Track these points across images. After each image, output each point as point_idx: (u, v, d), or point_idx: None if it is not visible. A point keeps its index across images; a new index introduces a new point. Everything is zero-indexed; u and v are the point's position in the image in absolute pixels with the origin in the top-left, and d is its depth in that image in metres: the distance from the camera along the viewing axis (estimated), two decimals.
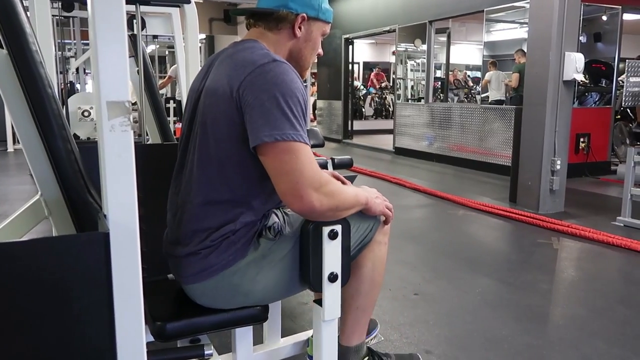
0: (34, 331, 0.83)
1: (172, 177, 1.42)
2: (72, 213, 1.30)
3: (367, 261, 1.50)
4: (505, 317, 2.38)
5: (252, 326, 1.57)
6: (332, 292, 1.35)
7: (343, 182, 1.59)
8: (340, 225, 1.31)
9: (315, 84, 11.80)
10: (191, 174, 1.31)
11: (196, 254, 1.29)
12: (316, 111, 11.57)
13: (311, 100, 11.32)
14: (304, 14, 1.35)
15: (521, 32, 8.08)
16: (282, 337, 1.83)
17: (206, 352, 1.27)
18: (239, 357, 1.59)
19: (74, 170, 1.30)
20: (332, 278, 1.33)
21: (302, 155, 1.19)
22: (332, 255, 1.32)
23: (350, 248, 1.40)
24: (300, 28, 1.36)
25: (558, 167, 4.33)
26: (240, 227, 1.29)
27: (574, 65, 4.21)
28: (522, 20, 7.74)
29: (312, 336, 1.87)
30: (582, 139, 6.12)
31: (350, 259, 1.41)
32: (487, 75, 7.80)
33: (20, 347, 0.83)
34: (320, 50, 1.45)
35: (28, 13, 1.97)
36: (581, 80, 5.47)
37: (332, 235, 1.30)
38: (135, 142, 0.88)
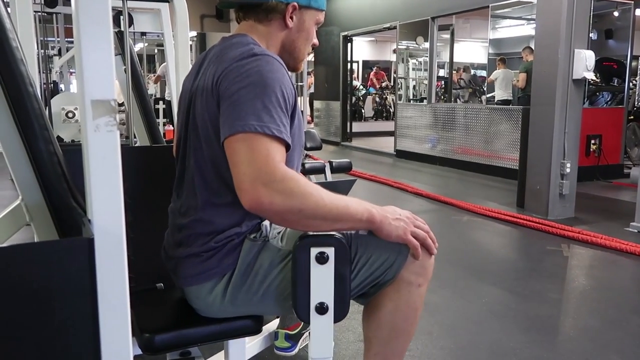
0: (13, 343, 0.82)
1: (174, 184, 1.42)
2: (55, 219, 1.30)
3: (387, 302, 1.30)
4: (512, 328, 2.38)
5: (245, 338, 1.57)
6: (321, 326, 1.20)
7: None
8: (332, 248, 1.17)
9: (312, 75, 11.75)
10: (192, 180, 1.32)
11: (198, 255, 1.29)
12: (314, 112, 11.58)
13: (307, 95, 11.24)
14: (295, 3, 1.34)
15: (528, 29, 8.14)
16: None
17: None
18: None
19: (57, 173, 1.30)
20: (321, 309, 1.18)
21: (259, 145, 1.11)
22: (321, 283, 1.17)
23: (362, 282, 1.28)
24: (291, 18, 1.35)
25: (568, 170, 4.34)
26: (245, 230, 1.29)
27: (584, 63, 4.22)
28: (529, 17, 7.79)
29: (277, 327, 1.88)
30: (593, 141, 6.14)
31: (349, 291, 1.24)
32: (493, 74, 7.82)
33: None
34: (315, 40, 1.44)
35: (9, 8, 1.97)
36: (592, 79, 5.50)
37: (321, 259, 1.16)
38: (122, 145, 0.88)
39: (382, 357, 1.34)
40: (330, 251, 1.16)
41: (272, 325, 1.92)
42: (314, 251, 1.16)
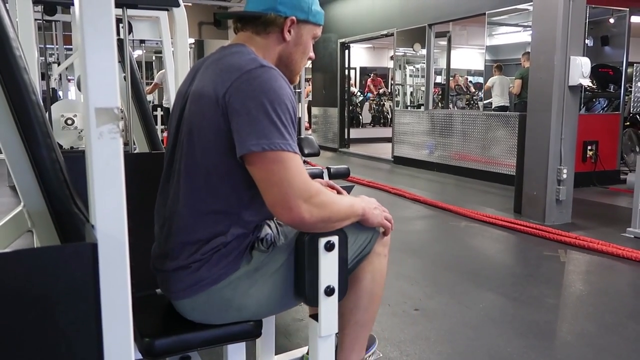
0: (17, 347, 0.83)
1: (159, 187, 1.43)
2: (57, 224, 1.31)
3: (366, 274, 1.50)
4: (510, 334, 2.39)
5: (244, 343, 1.58)
6: (328, 307, 1.34)
7: (339, 192, 1.61)
8: (337, 237, 1.32)
9: (310, 84, 11.81)
10: (178, 184, 1.32)
11: (186, 267, 1.30)
12: (311, 119, 11.60)
13: (306, 102, 11.30)
14: (293, 17, 1.36)
15: (524, 36, 8.17)
16: (275, 354, 1.83)
17: None
18: None
19: (59, 180, 1.31)
20: (329, 292, 1.33)
21: (291, 165, 1.20)
22: (328, 268, 1.32)
23: (348, 260, 1.40)
24: (289, 32, 1.37)
25: (564, 176, 4.36)
26: (231, 239, 1.30)
27: (580, 69, 4.25)
28: (525, 24, 7.83)
29: (307, 353, 1.88)
30: (589, 147, 6.17)
31: (348, 271, 1.41)
32: (490, 81, 7.86)
33: None
34: (312, 54, 1.47)
35: (9, 16, 1.98)
36: (588, 86, 5.51)
37: (329, 247, 1.30)
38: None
39: (362, 324, 1.54)
40: (335, 239, 1.31)
41: (300, 351, 1.90)
42: (322, 241, 1.30)
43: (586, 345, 2.30)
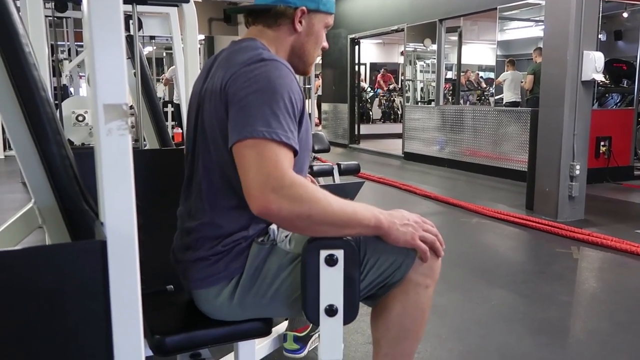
0: (28, 344, 0.83)
1: (182, 187, 1.43)
2: (67, 221, 1.31)
3: (395, 303, 1.30)
4: (521, 332, 2.37)
5: (255, 340, 1.57)
6: (330, 328, 1.21)
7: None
8: (342, 251, 1.17)
9: (320, 77, 11.77)
10: (199, 183, 1.33)
11: (206, 259, 1.30)
12: (321, 114, 11.59)
13: (315, 98, 11.26)
14: (304, 7, 1.34)
15: (537, 31, 8.10)
16: None
17: None
18: None
19: (69, 176, 1.31)
20: (331, 312, 1.19)
21: (268, 152, 1.12)
22: (330, 285, 1.19)
23: (370, 284, 1.28)
24: (300, 22, 1.36)
25: (577, 172, 4.32)
26: (253, 234, 1.30)
27: (593, 64, 4.21)
28: (537, 18, 7.75)
29: (286, 329, 1.88)
30: (602, 143, 6.10)
31: (358, 293, 1.24)
32: (502, 76, 7.80)
33: None
34: (325, 44, 1.44)
35: (20, 13, 1.99)
36: (601, 81, 5.47)
37: (330, 261, 1.17)
38: (132, 148, 0.89)
39: (391, 359, 1.34)
40: (339, 253, 1.17)
41: (281, 327, 1.92)
42: (324, 253, 1.16)
43: (599, 343, 2.28)
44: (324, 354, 1.22)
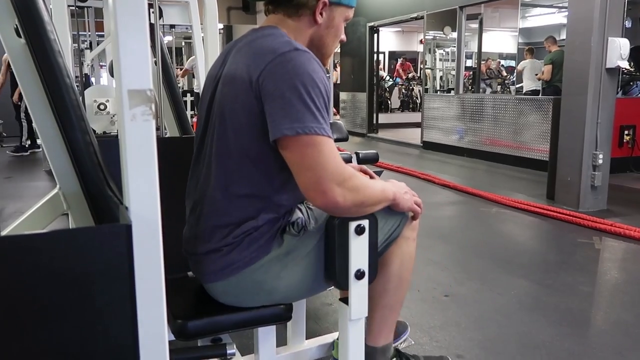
0: (55, 326, 0.85)
1: (190, 170, 1.44)
2: (92, 207, 1.33)
3: (394, 258, 1.51)
4: (542, 321, 2.35)
5: (275, 326, 1.59)
6: (359, 290, 1.35)
7: (371, 177, 1.59)
8: (367, 220, 1.32)
9: (338, 68, 11.74)
10: (209, 167, 1.33)
11: (218, 251, 1.31)
12: (340, 104, 11.55)
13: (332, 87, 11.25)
14: (325, 0, 1.35)
15: (559, 17, 7.95)
16: (306, 338, 1.84)
17: (229, 352, 1.28)
18: (262, 357, 1.60)
19: (93, 163, 1.33)
20: (359, 275, 1.33)
21: (325, 148, 1.19)
22: (359, 252, 1.32)
23: (378, 244, 1.40)
24: (321, 14, 1.36)
25: (600, 161, 4.25)
26: (262, 224, 1.30)
27: (618, 51, 4.12)
28: (560, 4, 7.61)
29: (337, 338, 1.88)
30: (626, 132, 5.99)
31: (377, 255, 1.41)
32: (521, 65, 7.69)
33: (40, 342, 0.85)
34: (343, 37, 1.45)
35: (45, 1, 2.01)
36: (626, 68, 5.35)
37: (359, 231, 1.30)
38: None
39: (390, 307, 1.56)
40: (366, 223, 1.31)
41: (332, 335, 1.91)
42: (353, 225, 1.30)
43: (623, 334, 2.25)
44: (354, 314, 1.37)
